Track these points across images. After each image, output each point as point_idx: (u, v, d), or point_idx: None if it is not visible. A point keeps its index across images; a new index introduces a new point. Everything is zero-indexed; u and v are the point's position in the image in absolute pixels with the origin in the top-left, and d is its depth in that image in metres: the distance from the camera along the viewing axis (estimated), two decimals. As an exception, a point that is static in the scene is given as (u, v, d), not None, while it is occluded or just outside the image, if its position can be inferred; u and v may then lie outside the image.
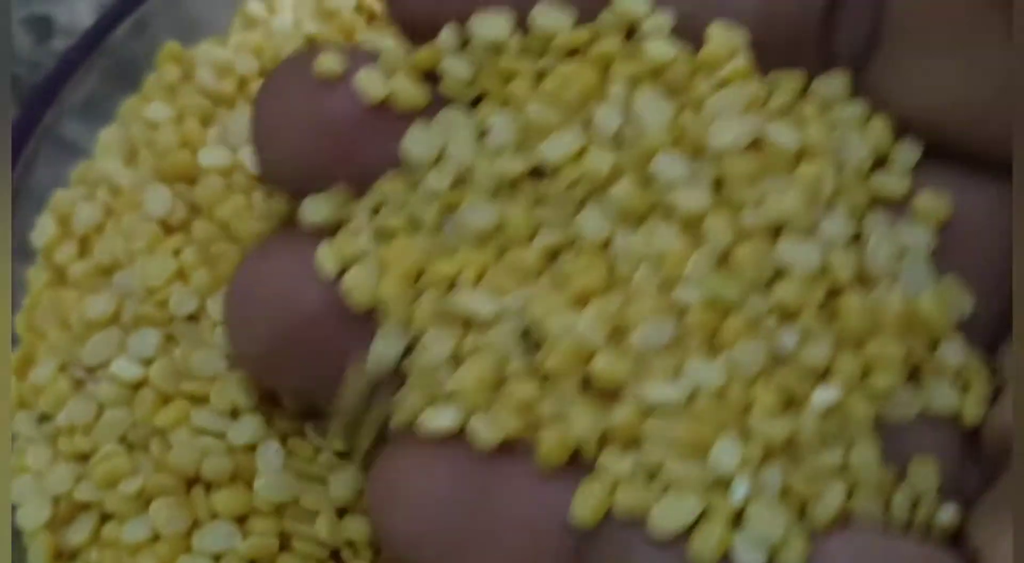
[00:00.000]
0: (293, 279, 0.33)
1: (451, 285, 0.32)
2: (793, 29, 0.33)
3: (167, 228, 0.41)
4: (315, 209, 0.33)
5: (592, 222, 0.32)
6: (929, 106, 0.32)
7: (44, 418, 0.40)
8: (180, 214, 0.41)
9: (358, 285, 0.32)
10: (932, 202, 0.33)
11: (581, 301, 0.31)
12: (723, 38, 0.32)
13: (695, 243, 0.31)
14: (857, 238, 0.32)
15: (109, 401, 0.39)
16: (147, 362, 0.39)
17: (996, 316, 0.33)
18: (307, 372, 0.33)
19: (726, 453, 0.30)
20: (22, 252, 0.42)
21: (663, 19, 0.32)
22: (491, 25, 0.32)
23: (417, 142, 0.32)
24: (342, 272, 0.32)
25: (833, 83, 0.33)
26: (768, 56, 0.33)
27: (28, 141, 0.42)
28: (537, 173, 0.32)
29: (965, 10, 0.31)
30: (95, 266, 0.41)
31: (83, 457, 0.39)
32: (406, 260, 0.32)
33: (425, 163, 0.32)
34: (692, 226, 0.31)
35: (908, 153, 0.33)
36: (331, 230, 0.33)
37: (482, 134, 0.32)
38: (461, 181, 0.32)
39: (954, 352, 0.32)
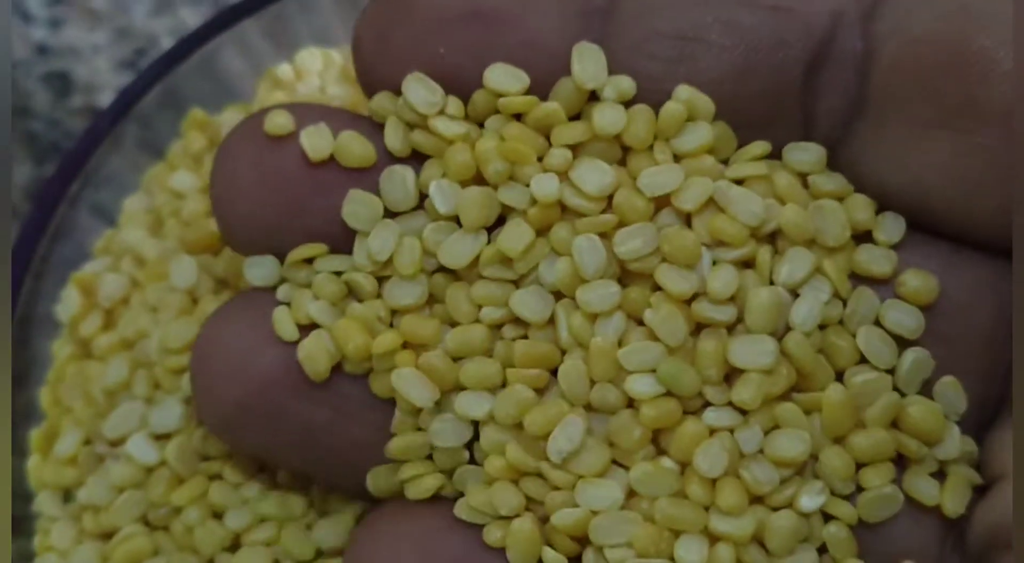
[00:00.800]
0: (250, 343, 0.32)
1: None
2: (770, 93, 0.31)
3: (193, 299, 0.40)
4: (257, 272, 0.33)
5: (531, 303, 0.31)
6: (917, 181, 0.31)
7: (68, 496, 0.39)
8: (207, 285, 0.40)
9: (312, 356, 0.32)
10: (920, 282, 0.32)
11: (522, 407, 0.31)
12: (681, 106, 0.31)
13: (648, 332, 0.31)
14: (840, 321, 0.31)
15: (126, 481, 0.38)
16: (165, 438, 0.39)
17: (983, 401, 0.32)
18: (267, 435, 0.33)
19: (689, 553, 0.30)
20: (47, 324, 0.42)
21: (625, 84, 0.31)
22: (419, 90, 0.32)
23: (355, 205, 0.32)
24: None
25: (809, 153, 0.32)
26: (743, 120, 0.32)
27: (55, 212, 0.41)
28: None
29: (957, 84, 0.30)
30: (120, 339, 0.40)
31: (107, 536, 0.39)
32: (355, 335, 0.31)
33: (364, 227, 0.32)
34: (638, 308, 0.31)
35: (892, 230, 0.32)
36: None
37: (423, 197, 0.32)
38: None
39: (946, 451, 0.31)
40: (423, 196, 0.32)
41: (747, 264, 0.31)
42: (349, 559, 0.32)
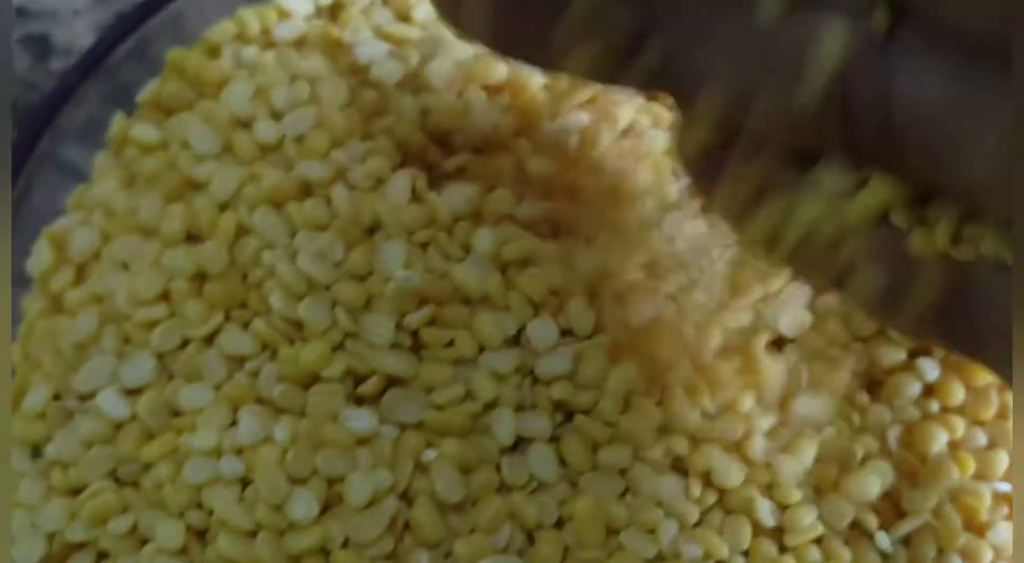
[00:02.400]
0: None
1: None
2: None
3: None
4: None
5: None
6: None
7: (36, 452, 0.39)
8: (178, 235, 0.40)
9: None
10: None
11: None
12: None
13: None
14: None
15: (95, 436, 0.38)
16: (136, 393, 0.38)
17: None
18: None
19: None
20: (18, 280, 0.41)
21: None
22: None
23: None
24: None
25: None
26: None
27: (25, 166, 0.41)
28: None
29: None
30: (90, 294, 0.40)
31: (76, 492, 0.38)
32: None
33: None
34: None
35: None
36: None
37: None
38: None
39: None
40: None
41: None
42: None
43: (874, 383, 0.40)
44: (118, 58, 0.43)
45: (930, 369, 0.40)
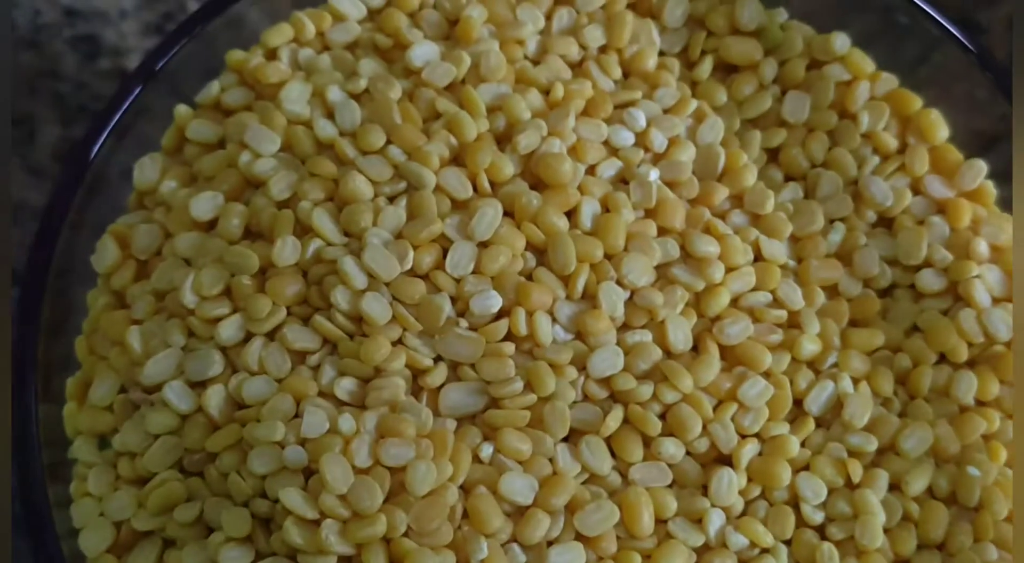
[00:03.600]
0: None
1: None
2: None
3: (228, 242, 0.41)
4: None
5: None
6: None
7: (104, 443, 0.40)
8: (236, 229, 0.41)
9: None
10: None
11: None
12: None
13: None
14: None
15: (162, 428, 0.39)
16: (201, 385, 0.39)
17: None
18: None
19: None
20: (81, 276, 0.42)
21: None
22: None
23: None
24: None
25: None
26: None
27: (89, 167, 0.42)
28: None
29: None
30: (154, 289, 0.41)
31: (142, 481, 0.39)
32: None
33: None
34: None
35: None
36: None
37: None
38: None
39: None
40: None
41: None
42: None
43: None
44: (178, 61, 0.43)
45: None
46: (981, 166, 0.44)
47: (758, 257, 0.42)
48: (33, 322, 0.40)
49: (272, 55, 0.44)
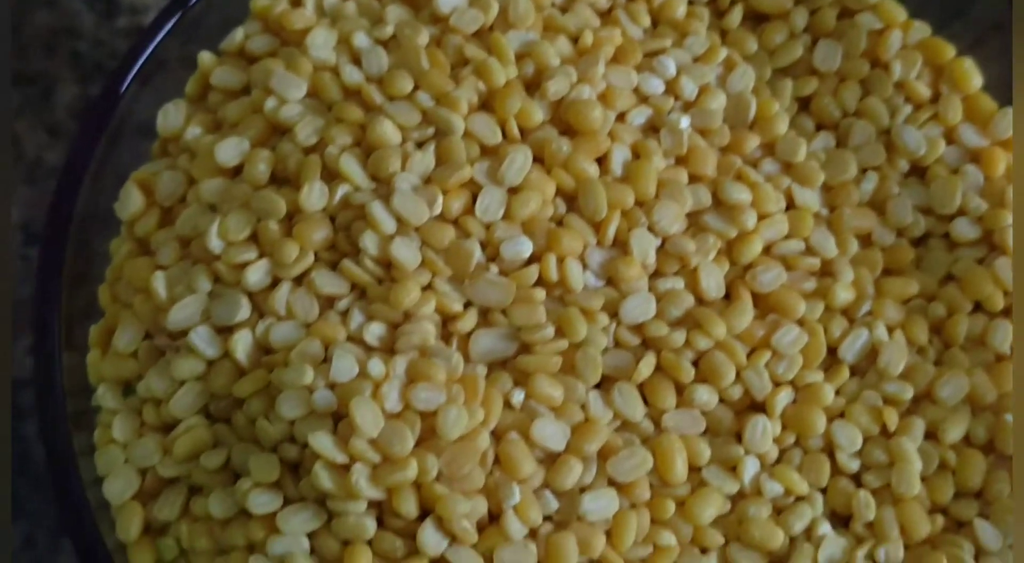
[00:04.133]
0: None
1: None
2: None
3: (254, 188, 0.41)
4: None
5: None
6: None
7: (128, 390, 0.39)
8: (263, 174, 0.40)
9: None
10: None
11: None
12: None
13: None
14: None
15: (188, 374, 0.38)
16: (227, 331, 0.39)
17: None
18: None
19: None
20: (105, 224, 0.41)
21: None
22: None
23: None
24: None
25: None
26: None
27: (110, 121, 0.42)
28: None
29: None
30: (178, 235, 0.40)
31: (168, 428, 0.39)
32: None
33: None
34: None
35: None
36: None
37: None
38: None
39: None
40: None
41: None
42: None
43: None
44: (198, 10, 0.43)
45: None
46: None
47: (790, 205, 0.42)
48: (55, 271, 0.39)
49: (297, 2, 0.44)
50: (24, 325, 0.51)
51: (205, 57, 0.43)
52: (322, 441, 0.36)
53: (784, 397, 0.39)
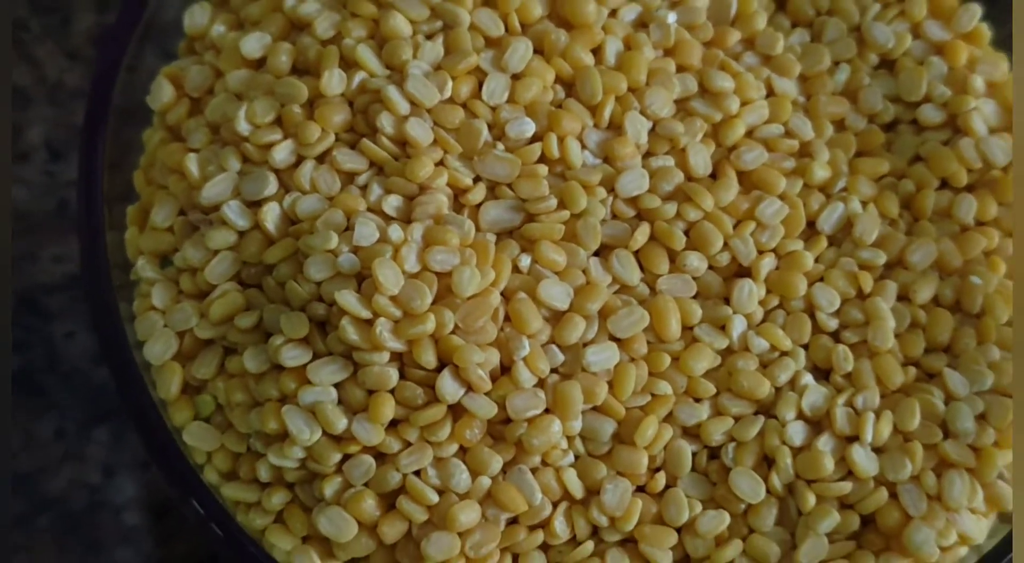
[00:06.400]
0: None
1: None
2: None
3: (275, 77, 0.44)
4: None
5: None
6: None
7: (165, 261, 0.43)
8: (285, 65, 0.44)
9: None
10: None
11: None
12: None
13: None
14: None
15: (222, 244, 0.42)
16: (256, 204, 0.42)
17: None
18: None
19: None
20: (133, 116, 0.45)
21: None
22: None
23: None
24: None
25: None
26: None
27: (135, 28, 0.45)
28: None
29: None
30: (208, 121, 0.43)
31: (203, 295, 0.42)
32: None
33: None
34: None
35: None
36: None
37: None
38: None
39: None
40: None
41: None
42: None
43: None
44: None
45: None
46: (976, 9, 0.47)
47: (770, 93, 0.45)
48: (96, 154, 0.43)
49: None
50: (47, 236, 0.54)
51: None
52: (348, 298, 0.39)
53: (768, 263, 0.42)
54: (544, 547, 0.40)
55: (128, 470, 0.52)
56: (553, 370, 0.40)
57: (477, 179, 0.42)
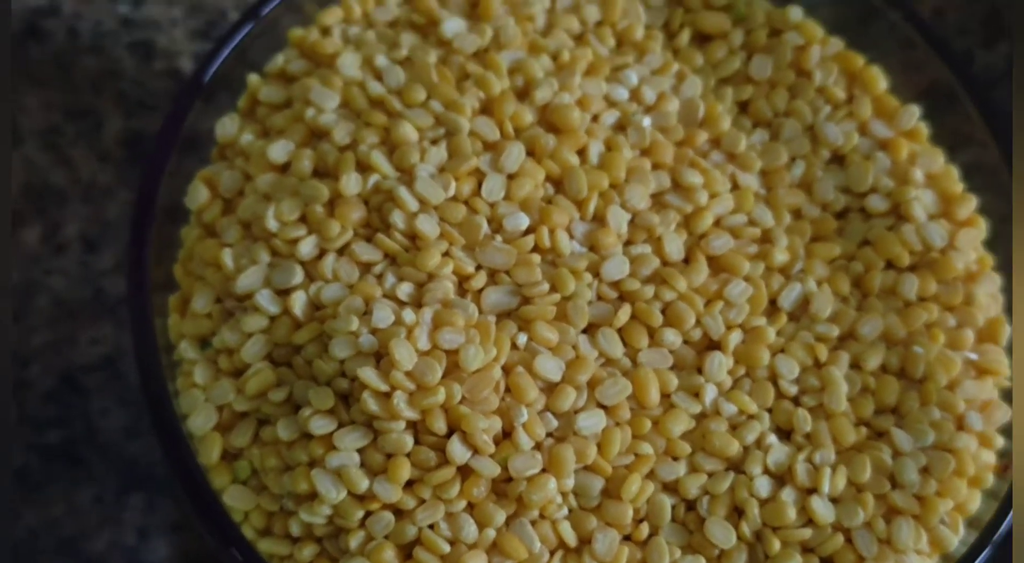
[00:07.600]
0: None
1: None
2: None
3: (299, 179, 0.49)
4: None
5: None
6: None
7: (204, 344, 0.48)
8: (307, 167, 0.49)
9: None
10: None
11: None
12: None
13: None
14: None
15: (255, 328, 0.47)
16: (285, 293, 0.47)
17: None
18: None
19: None
20: (173, 215, 0.50)
21: None
22: None
23: None
24: None
25: None
26: None
27: (179, 132, 0.50)
28: None
29: None
30: (241, 219, 0.49)
31: (239, 373, 0.47)
32: None
33: None
34: None
35: None
36: None
37: None
38: None
39: None
40: None
41: None
42: None
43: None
44: (248, 40, 0.52)
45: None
46: (915, 110, 0.52)
47: (735, 186, 0.51)
48: (144, 251, 0.47)
49: (326, 32, 0.53)
50: (84, 321, 0.59)
51: (253, 79, 0.52)
52: (368, 374, 0.44)
53: (735, 337, 0.47)
54: (544, 590, 0.44)
55: (160, 533, 0.57)
56: (548, 434, 0.45)
57: (479, 267, 0.47)
